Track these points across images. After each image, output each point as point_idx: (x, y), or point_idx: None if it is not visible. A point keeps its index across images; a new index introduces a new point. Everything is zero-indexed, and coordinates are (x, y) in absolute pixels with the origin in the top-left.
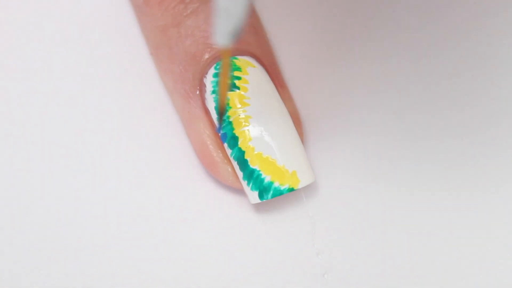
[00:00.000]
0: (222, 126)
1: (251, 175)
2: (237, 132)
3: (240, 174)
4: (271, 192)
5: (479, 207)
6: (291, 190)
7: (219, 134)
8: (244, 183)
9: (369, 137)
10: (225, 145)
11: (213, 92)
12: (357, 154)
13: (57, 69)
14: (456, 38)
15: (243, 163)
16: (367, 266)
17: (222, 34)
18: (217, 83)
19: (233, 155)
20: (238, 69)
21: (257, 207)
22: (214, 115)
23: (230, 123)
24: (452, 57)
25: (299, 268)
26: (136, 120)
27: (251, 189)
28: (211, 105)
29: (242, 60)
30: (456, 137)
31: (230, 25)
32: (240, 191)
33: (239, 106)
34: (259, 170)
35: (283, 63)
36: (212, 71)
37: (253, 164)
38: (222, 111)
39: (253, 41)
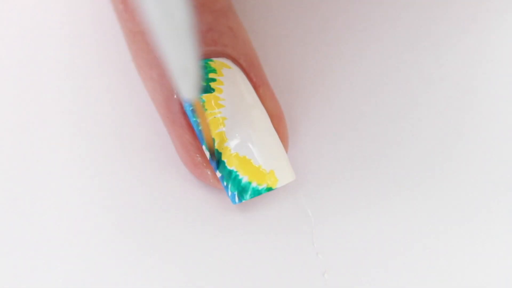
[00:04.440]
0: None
1: (229, 176)
2: (213, 134)
3: (219, 175)
4: (249, 192)
5: (478, 205)
6: (269, 189)
7: (198, 138)
8: (223, 184)
9: (368, 136)
10: (203, 147)
11: None
12: (356, 152)
13: (47, 71)
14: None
15: (220, 165)
16: (367, 266)
17: (188, 91)
18: None
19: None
20: (213, 71)
21: (256, 207)
22: (192, 118)
23: (214, 141)
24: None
25: (298, 268)
26: (125, 123)
27: (230, 190)
28: (188, 108)
29: (217, 62)
30: (449, 134)
31: (192, 80)
32: None
33: (214, 108)
34: (236, 171)
35: (268, 62)
36: None
37: (230, 165)
38: (211, 150)
39: (229, 42)
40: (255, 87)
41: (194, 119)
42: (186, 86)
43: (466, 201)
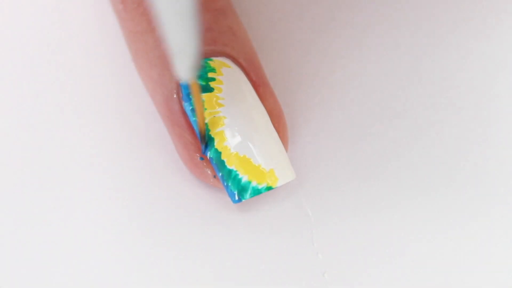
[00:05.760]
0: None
1: (229, 176)
2: (212, 133)
3: (219, 174)
4: (249, 191)
5: (479, 207)
6: (269, 188)
7: (198, 138)
8: (223, 184)
9: (368, 135)
10: (203, 147)
11: (188, 95)
12: (356, 152)
13: (46, 71)
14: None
15: (220, 164)
16: (367, 266)
17: (185, 72)
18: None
19: (211, 156)
20: (213, 70)
21: (256, 207)
22: (191, 117)
23: (206, 124)
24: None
25: (298, 268)
26: (125, 123)
27: (231, 189)
28: (188, 108)
29: (217, 61)
30: (448, 134)
31: (190, 61)
32: None
33: (214, 107)
34: (236, 170)
35: (268, 62)
36: None
37: (230, 165)
38: (202, 133)
39: (229, 41)
40: (255, 86)
41: (194, 118)
42: (183, 65)
43: (467, 202)
